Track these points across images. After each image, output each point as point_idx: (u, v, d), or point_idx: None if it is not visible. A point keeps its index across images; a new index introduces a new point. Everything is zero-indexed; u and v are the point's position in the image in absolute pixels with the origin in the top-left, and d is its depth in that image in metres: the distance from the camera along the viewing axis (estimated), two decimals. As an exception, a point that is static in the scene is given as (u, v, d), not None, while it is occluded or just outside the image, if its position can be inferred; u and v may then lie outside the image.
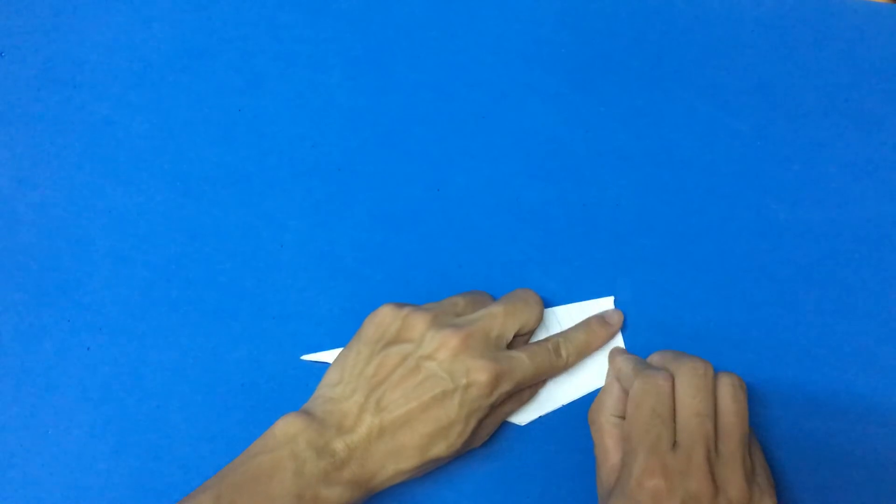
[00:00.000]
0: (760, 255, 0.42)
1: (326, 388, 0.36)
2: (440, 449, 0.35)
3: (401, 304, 0.37)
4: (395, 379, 0.35)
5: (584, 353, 0.39)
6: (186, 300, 0.42)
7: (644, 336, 0.41)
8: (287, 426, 0.34)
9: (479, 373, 0.35)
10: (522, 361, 0.36)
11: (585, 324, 0.40)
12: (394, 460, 0.34)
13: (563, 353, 0.39)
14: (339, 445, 0.34)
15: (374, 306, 0.41)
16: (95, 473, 0.40)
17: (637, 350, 0.41)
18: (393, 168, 0.44)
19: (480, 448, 0.39)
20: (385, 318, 0.37)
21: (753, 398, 0.40)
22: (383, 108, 0.44)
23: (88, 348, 0.42)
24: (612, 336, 0.40)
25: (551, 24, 0.45)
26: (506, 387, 0.36)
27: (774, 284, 0.41)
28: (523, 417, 0.40)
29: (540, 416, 0.40)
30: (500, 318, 0.37)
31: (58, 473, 0.40)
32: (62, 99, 0.45)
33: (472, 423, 0.35)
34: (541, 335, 0.40)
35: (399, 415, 0.34)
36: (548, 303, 0.41)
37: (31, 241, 0.43)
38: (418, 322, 0.36)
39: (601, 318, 0.40)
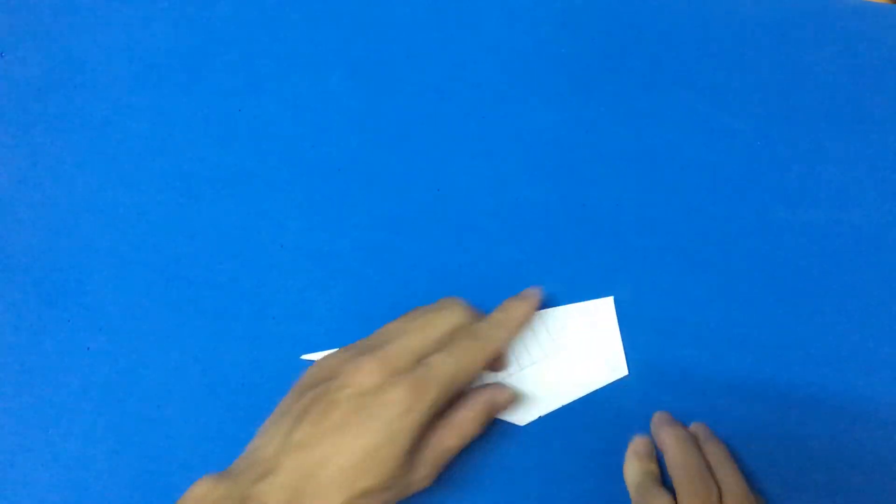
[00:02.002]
0: (760, 255, 0.42)
1: (249, 444, 0.34)
2: (368, 479, 0.32)
3: (332, 355, 0.36)
4: (312, 417, 0.33)
5: (507, 328, 0.38)
6: (186, 300, 0.42)
7: (644, 336, 0.41)
8: (197, 488, 0.32)
9: (395, 389, 0.33)
10: (441, 362, 0.34)
11: (501, 305, 0.39)
12: (322, 499, 0.32)
13: (484, 332, 0.36)
14: (256, 492, 0.31)
15: (374, 306, 0.41)
16: (95, 473, 0.40)
17: (636, 349, 0.41)
18: (393, 168, 0.44)
19: (480, 447, 0.39)
20: (309, 370, 0.36)
21: (754, 398, 0.40)
22: (383, 109, 0.44)
23: (88, 348, 0.42)
24: (532, 308, 0.39)
25: (551, 25, 0.45)
26: (431, 395, 0.33)
27: (775, 284, 0.41)
28: (523, 417, 0.40)
29: (540, 416, 0.40)
30: (417, 334, 0.35)
31: (58, 473, 0.40)
32: (62, 99, 0.45)
33: (401, 444, 0.32)
34: (541, 335, 0.40)
35: (318, 451, 0.32)
36: (548, 303, 0.41)
37: (31, 241, 0.43)
38: (334, 359, 0.35)
39: (516, 296, 0.39)
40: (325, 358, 0.36)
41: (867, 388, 0.40)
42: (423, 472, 0.34)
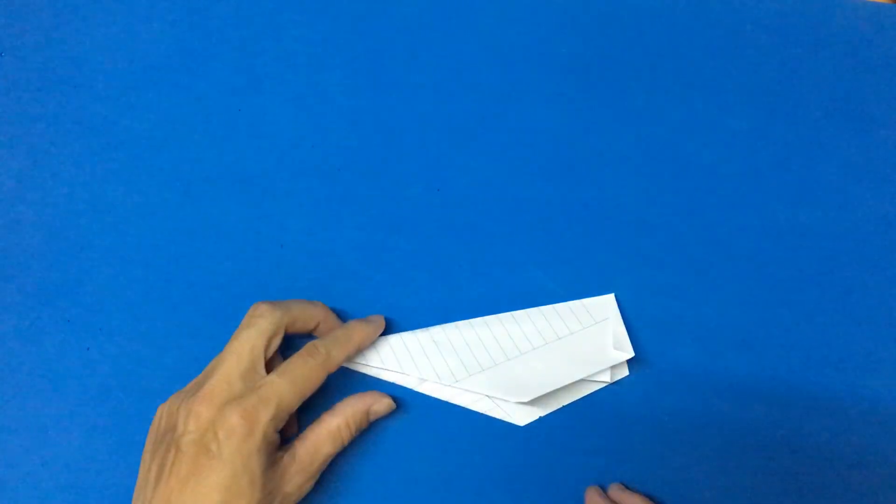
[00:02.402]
0: (760, 255, 0.42)
1: None
2: None
3: (173, 396, 0.36)
4: (165, 476, 0.34)
5: (345, 346, 0.38)
6: (186, 300, 0.42)
7: (644, 336, 0.41)
8: None
9: (229, 419, 0.34)
10: (272, 383, 0.35)
11: (346, 324, 0.40)
12: None
13: (322, 349, 0.37)
14: None
15: (373, 306, 0.41)
16: (95, 473, 0.40)
17: (636, 349, 0.41)
18: (393, 168, 0.44)
19: (479, 447, 0.39)
20: (154, 420, 0.36)
21: (754, 398, 0.40)
22: (383, 109, 0.44)
23: (88, 348, 0.42)
24: (374, 331, 0.40)
25: (551, 24, 0.45)
26: (266, 415, 0.34)
27: (774, 284, 0.41)
28: (523, 418, 0.40)
29: (540, 417, 0.40)
30: (231, 357, 0.36)
31: (58, 473, 0.40)
32: (62, 99, 0.45)
33: (255, 467, 0.34)
34: (545, 331, 0.40)
35: (177, 500, 0.33)
36: (547, 303, 0.41)
37: (31, 241, 0.43)
38: (173, 405, 0.36)
39: (362, 319, 0.40)
40: (165, 404, 0.36)
41: (867, 388, 0.40)
42: (299, 480, 0.36)
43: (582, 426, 0.40)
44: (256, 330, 0.36)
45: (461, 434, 0.40)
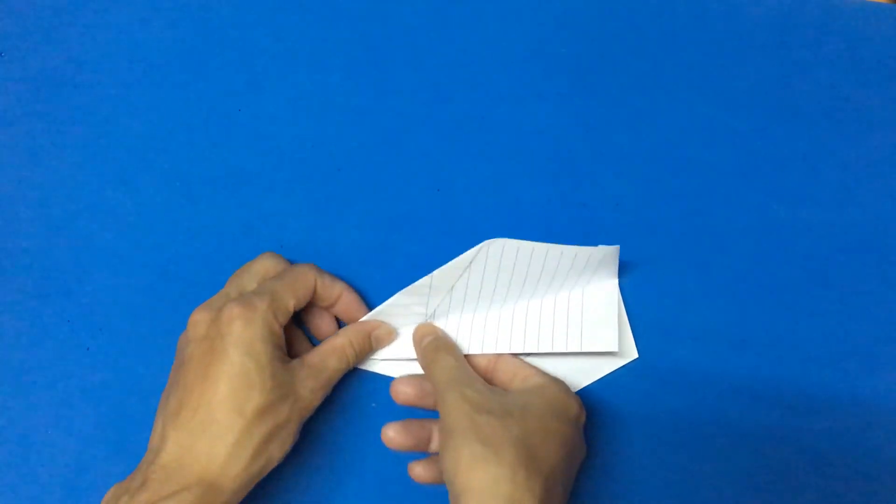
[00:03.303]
0: (760, 255, 0.42)
1: None
2: (253, 397, 0.33)
3: None
4: (178, 382, 0.35)
5: (335, 281, 0.39)
6: (186, 300, 0.42)
7: (644, 336, 0.41)
8: (109, 492, 0.34)
9: (227, 313, 0.34)
10: (265, 284, 0.37)
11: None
12: (218, 440, 0.33)
13: (314, 266, 0.39)
14: (148, 473, 0.33)
15: (373, 306, 0.41)
16: (95, 473, 0.40)
17: (637, 350, 0.41)
18: (393, 168, 0.44)
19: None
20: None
21: (754, 398, 0.40)
22: (383, 108, 0.44)
23: (88, 348, 0.42)
24: (365, 309, 0.40)
25: (552, 25, 0.45)
26: (263, 303, 0.35)
27: (775, 284, 0.41)
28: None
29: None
30: (230, 284, 0.38)
31: (58, 473, 0.40)
32: (62, 99, 0.45)
33: (260, 353, 0.34)
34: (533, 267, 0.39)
35: (187, 403, 0.34)
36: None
37: (31, 241, 0.43)
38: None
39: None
40: None
41: (867, 388, 0.40)
42: (311, 384, 0.36)
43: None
44: (261, 265, 0.39)
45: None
